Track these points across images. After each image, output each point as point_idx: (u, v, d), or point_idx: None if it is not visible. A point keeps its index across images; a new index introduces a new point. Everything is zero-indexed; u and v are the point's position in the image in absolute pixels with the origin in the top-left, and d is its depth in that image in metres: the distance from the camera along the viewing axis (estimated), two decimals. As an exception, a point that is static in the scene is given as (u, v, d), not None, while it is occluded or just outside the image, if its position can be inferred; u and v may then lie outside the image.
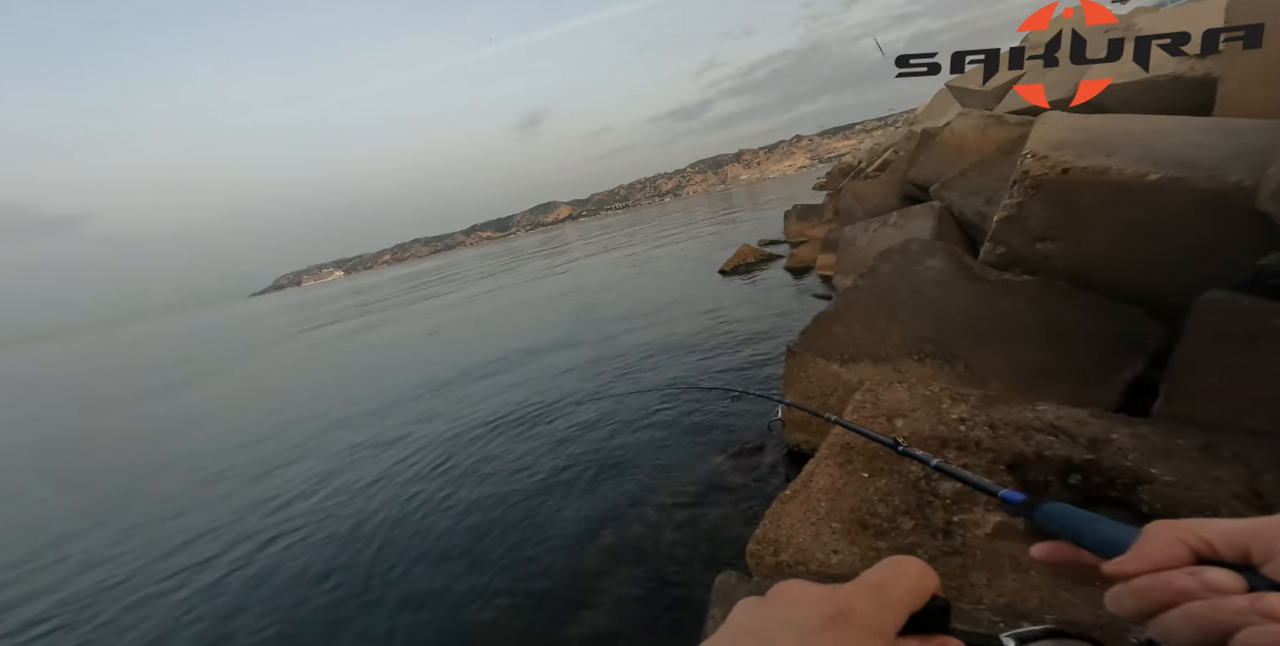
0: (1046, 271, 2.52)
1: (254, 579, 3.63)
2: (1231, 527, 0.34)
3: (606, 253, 24.52)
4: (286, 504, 4.72)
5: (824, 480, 2.08)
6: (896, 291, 3.02)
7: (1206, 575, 0.32)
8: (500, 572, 3.04)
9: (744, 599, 0.31)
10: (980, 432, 1.91)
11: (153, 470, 6.76)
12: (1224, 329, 1.53)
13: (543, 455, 4.40)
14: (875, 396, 2.29)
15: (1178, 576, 0.33)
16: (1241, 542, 0.33)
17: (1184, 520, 0.36)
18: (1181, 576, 0.33)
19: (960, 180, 4.57)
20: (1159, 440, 1.49)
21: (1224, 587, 0.32)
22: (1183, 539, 0.35)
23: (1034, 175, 2.51)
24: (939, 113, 10.80)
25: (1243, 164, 2.05)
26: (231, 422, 8.40)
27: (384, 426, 6.19)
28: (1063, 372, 2.25)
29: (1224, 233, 1.99)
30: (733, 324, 6.90)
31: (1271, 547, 0.32)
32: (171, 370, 18.36)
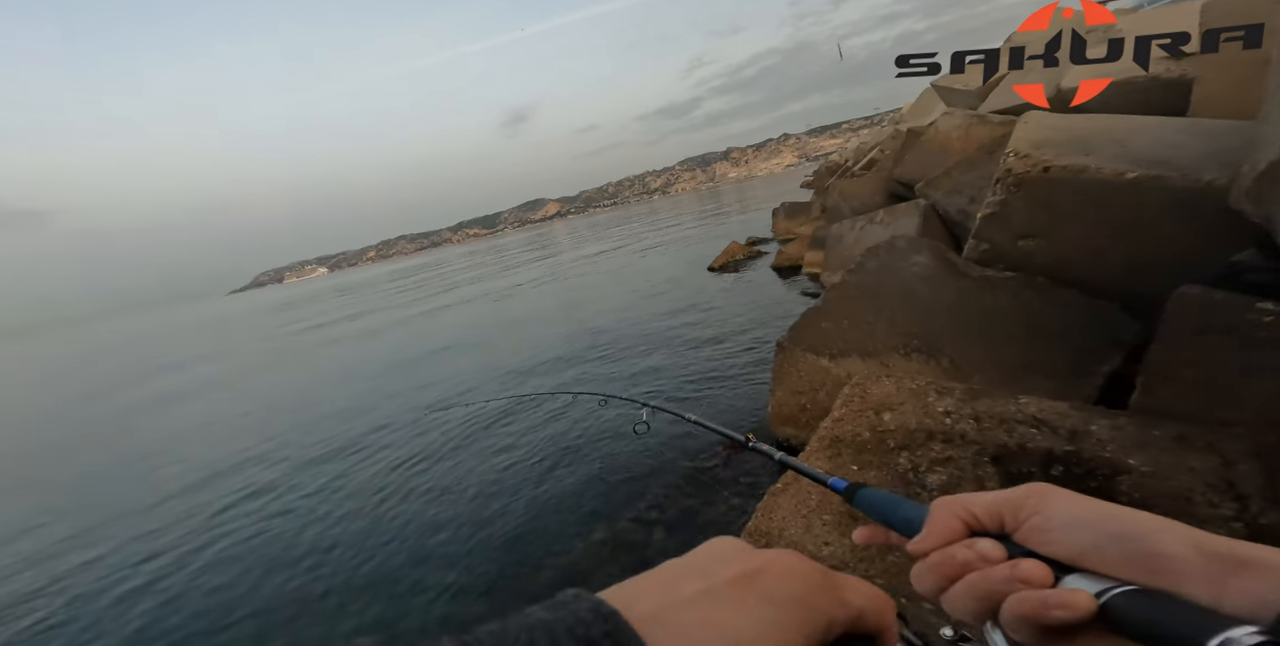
0: (1028, 268, 2.57)
1: (246, 571, 3.59)
2: (988, 500, 0.37)
3: (595, 250, 24.46)
4: (234, 504, 4.66)
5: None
6: (883, 288, 3.06)
7: (978, 546, 0.35)
8: (490, 569, 3.04)
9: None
10: (965, 425, 1.95)
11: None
12: (1198, 323, 1.58)
13: (531, 452, 4.39)
14: (863, 390, 2.33)
15: (959, 549, 0.35)
16: (997, 512, 0.36)
17: (959, 495, 0.39)
18: (961, 549, 0.35)
19: (945, 179, 4.64)
20: (1136, 431, 1.54)
21: (990, 556, 0.34)
22: (957, 514, 0.37)
23: (1016, 173, 2.57)
24: (924, 112, 10.93)
25: (1216, 163, 2.12)
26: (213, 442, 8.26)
27: (348, 431, 6.14)
28: (1044, 366, 2.31)
29: (1198, 230, 2.05)
30: (722, 320, 6.94)
31: (1017, 516, 0.35)
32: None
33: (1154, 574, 0.29)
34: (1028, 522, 0.35)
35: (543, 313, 11.08)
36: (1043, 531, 0.34)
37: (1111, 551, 0.31)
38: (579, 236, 44.16)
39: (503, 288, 18.05)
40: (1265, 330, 1.46)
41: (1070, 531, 0.33)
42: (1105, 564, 0.31)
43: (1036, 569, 0.32)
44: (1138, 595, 0.28)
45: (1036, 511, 0.35)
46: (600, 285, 13.21)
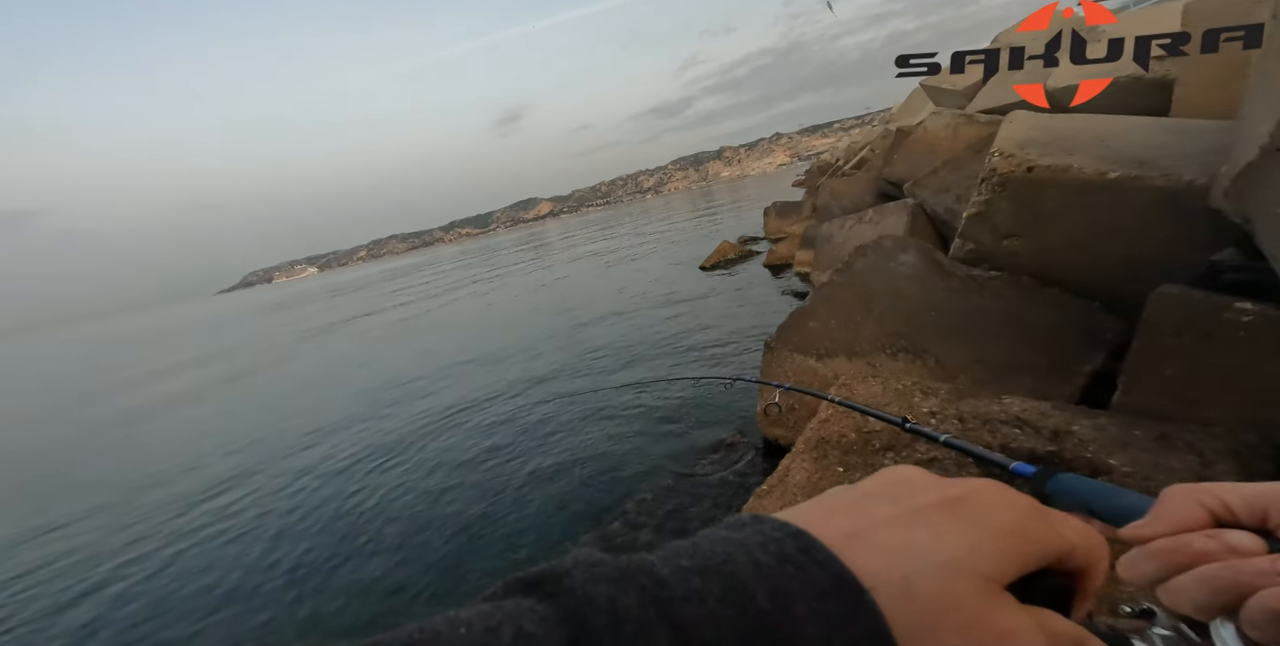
0: (1013, 267, 2.58)
1: (230, 569, 3.54)
2: (1251, 490, 0.34)
3: (587, 249, 24.42)
4: (211, 498, 4.61)
5: (800, 474, 2.11)
6: (871, 287, 3.07)
7: (1228, 537, 0.32)
8: (479, 572, 3.02)
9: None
10: (950, 426, 1.95)
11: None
12: (1178, 323, 1.59)
13: (520, 452, 4.37)
14: (850, 390, 2.33)
15: (1198, 538, 0.32)
16: (1261, 505, 0.33)
17: (1202, 483, 0.35)
18: (1201, 538, 0.32)
19: (932, 178, 4.65)
20: (1117, 431, 1.54)
21: (1246, 549, 0.31)
22: (1202, 502, 0.34)
23: (1001, 173, 2.57)
24: (913, 111, 10.97)
25: (1197, 163, 2.13)
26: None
27: (348, 423, 6.08)
28: (1028, 366, 2.32)
29: (1179, 229, 2.06)
30: (713, 319, 6.94)
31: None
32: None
33: None
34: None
35: (531, 314, 11.03)
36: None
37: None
38: (571, 236, 44.09)
39: (493, 288, 17.97)
40: (1243, 330, 1.46)
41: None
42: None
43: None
44: None
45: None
46: (591, 285, 13.18)
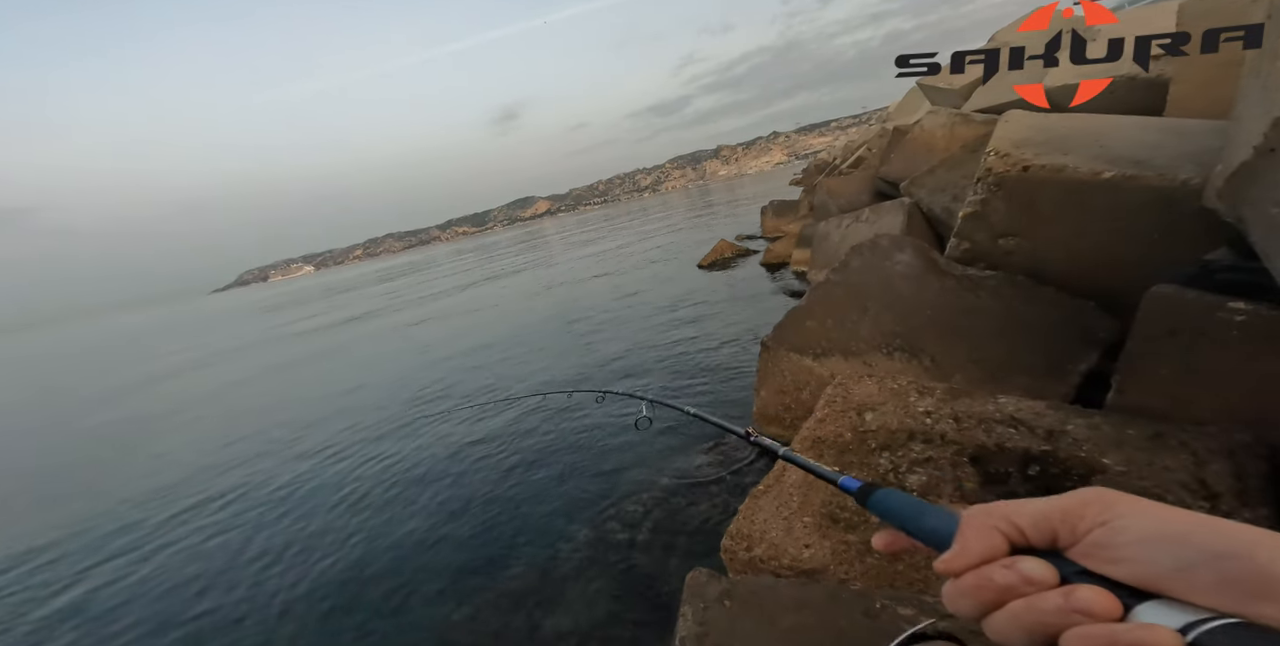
0: (1008, 267, 2.59)
1: (210, 569, 3.53)
2: (1036, 510, 0.32)
3: (585, 247, 24.39)
4: (188, 510, 4.60)
5: (796, 475, 2.11)
6: (867, 286, 3.07)
7: (1021, 567, 0.30)
8: (474, 571, 3.02)
9: None
10: (945, 425, 1.96)
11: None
12: (1171, 322, 1.59)
13: (516, 452, 4.36)
14: (846, 390, 2.33)
15: (997, 571, 0.31)
16: (1048, 526, 0.31)
17: (998, 503, 0.34)
18: (1000, 570, 0.31)
19: (929, 177, 4.66)
20: (1111, 431, 1.54)
21: (1038, 580, 0.30)
22: (997, 527, 0.33)
23: (996, 172, 2.58)
24: (910, 110, 10.99)
25: (1192, 162, 2.14)
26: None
27: (336, 424, 6.07)
28: (1023, 365, 2.33)
29: (1174, 229, 2.07)
30: (710, 318, 6.95)
31: (1075, 529, 0.30)
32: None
33: (1256, 601, 0.24)
34: (1089, 537, 0.30)
35: (530, 312, 11.02)
36: (1109, 547, 0.29)
37: (1204, 573, 0.25)
38: (569, 234, 44.03)
39: (492, 287, 17.94)
40: (1237, 329, 1.47)
41: (1147, 548, 0.27)
42: (1194, 590, 0.26)
43: (1098, 597, 0.27)
44: (1240, 630, 0.23)
45: (1101, 522, 0.30)
46: (589, 283, 13.17)
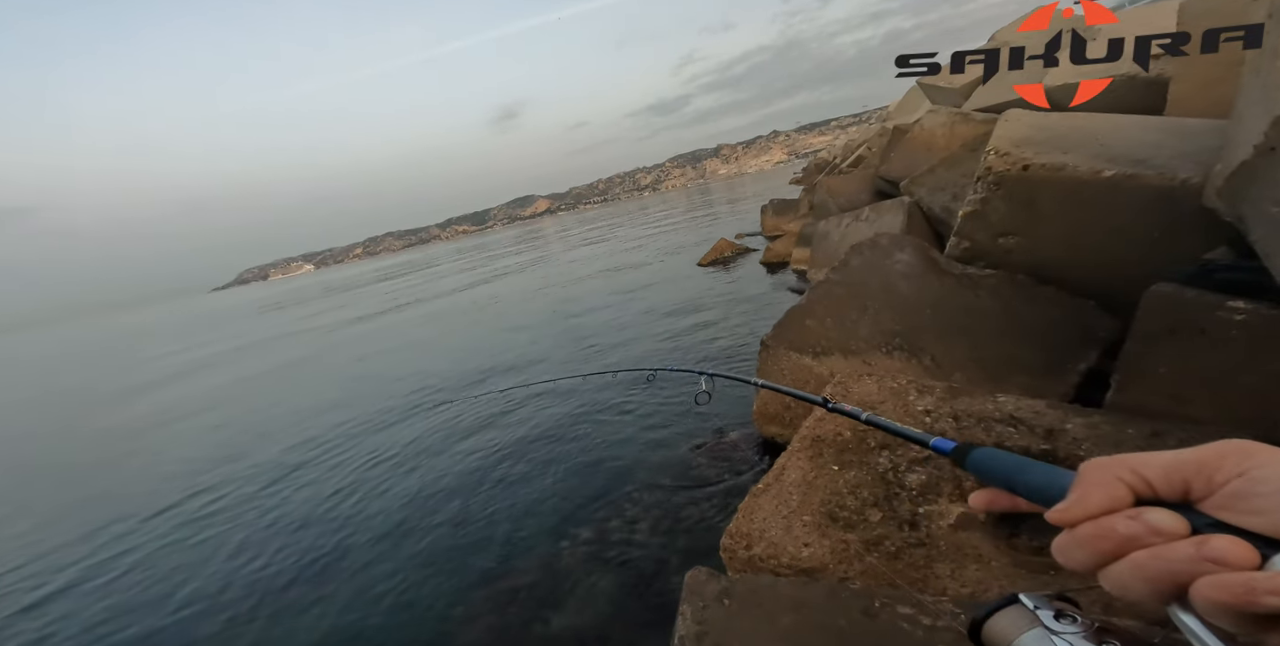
0: (1008, 266, 2.59)
1: (220, 573, 3.53)
2: (1168, 461, 0.32)
3: (585, 246, 24.39)
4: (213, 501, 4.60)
5: (795, 473, 2.11)
6: (866, 285, 3.07)
7: (1148, 517, 0.30)
8: (474, 569, 3.02)
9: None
10: (944, 424, 1.96)
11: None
12: (1170, 321, 1.59)
13: (512, 449, 4.37)
14: (845, 389, 2.33)
15: (1120, 521, 0.30)
16: (1180, 477, 0.31)
17: (1119, 456, 0.33)
18: (1124, 521, 0.30)
19: (929, 176, 4.66)
20: (1110, 430, 1.54)
21: (1168, 531, 0.29)
22: (1121, 477, 0.32)
23: (996, 171, 2.57)
24: (910, 110, 10.99)
25: (1192, 162, 2.13)
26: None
27: (327, 421, 6.07)
28: (1022, 364, 2.33)
29: (1173, 228, 2.07)
30: (709, 316, 6.95)
31: (1210, 480, 0.30)
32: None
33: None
34: (1225, 488, 0.29)
35: (531, 310, 11.01)
36: (1248, 498, 0.28)
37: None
38: (569, 233, 44.00)
39: (492, 284, 17.93)
40: (1236, 328, 1.47)
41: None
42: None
43: (1234, 546, 0.26)
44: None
45: (1239, 473, 0.29)
46: (590, 281, 13.17)
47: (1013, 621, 0.40)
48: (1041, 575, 1.44)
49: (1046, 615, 0.39)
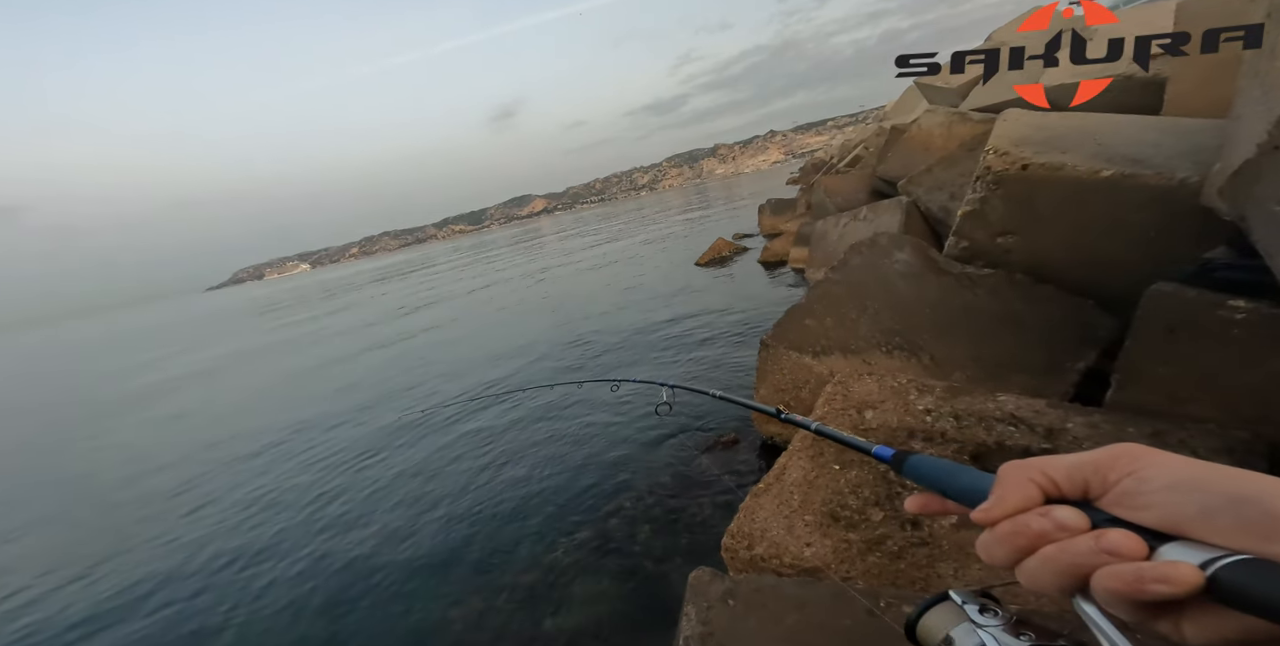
0: (1007, 265, 2.59)
1: (230, 581, 3.51)
2: (1070, 463, 0.34)
3: (583, 246, 24.36)
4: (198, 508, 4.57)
5: (796, 473, 2.11)
6: (866, 285, 3.07)
7: (1055, 515, 0.32)
8: (475, 570, 3.01)
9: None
10: (945, 423, 1.96)
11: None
12: (1171, 320, 1.60)
13: (511, 450, 4.36)
14: (846, 389, 2.33)
15: (1033, 518, 0.33)
16: (1081, 477, 0.34)
17: (1032, 459, 0.36)
18: (1036, 518, 0.33)
19: (926, 176, 4.67)
20: (1110, 429, 1.55)
21: (1071, 526, 0.31)
22: (1032, 478, 0.35)
23: (995, 171, 2.58)
24: (907, 109, 11.00)
25: (1190, 161, 2.14)
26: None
27: (322, 421, 6.05)
28: (1022, 363, 2.33)
29: (1172, 227, 2.07)
30: (708, 315, 6.95)
31: (1105, 480, 0.33)
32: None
33: (1269, 540, 0.26)
34: (1118, 486, 0.32)
35: (530, 309, 11.00)
36: (1137, 495, 0.31)
37: (1222, 516, 0.28)
38: (566, 233, 43.94)
39: (490, 285, 17.89)
40: (1237, 327, 1.48)
41: (1171, 495, 0.30)
42: (1213, 531, 0.28)
43: (1125, 539, 0.29)
44: (1253, 564, 0.26)
45: (1129, 472, 0.32)
46: (588, 281, 13.16)
47: (944, 617, 0.43)
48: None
49: (972, 610, 0.42)
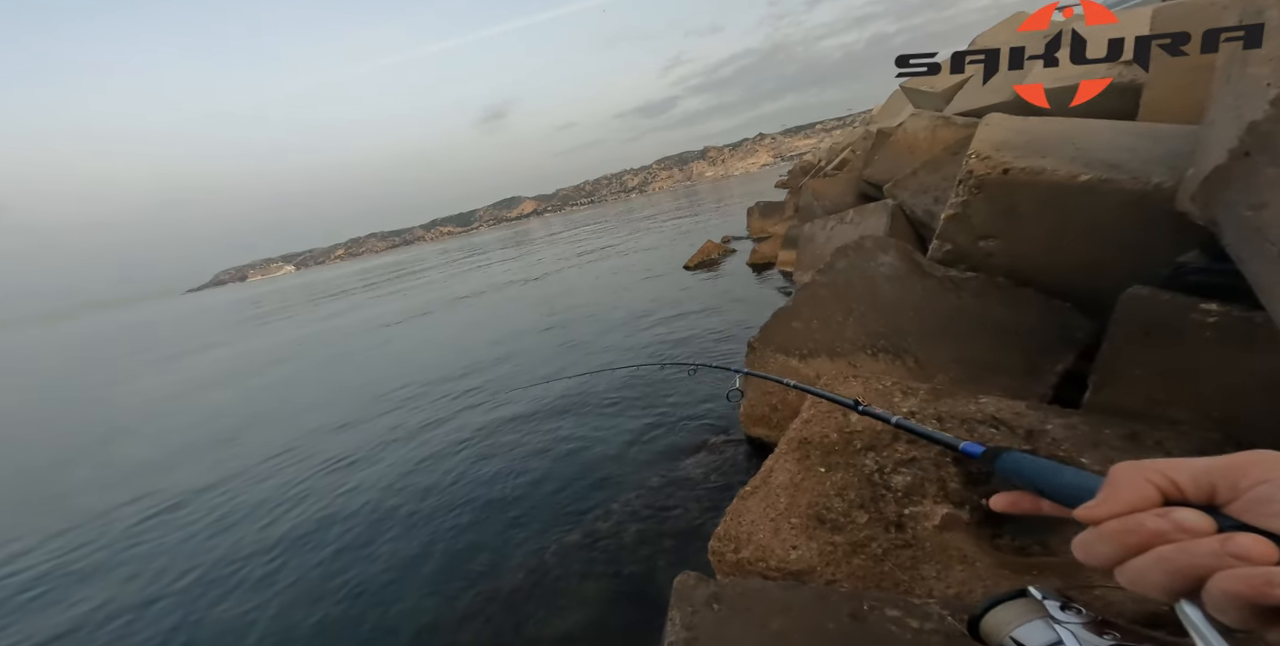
0: (989, 268, 2.62)
1: (209, 579, 3.44)
2: (1197, 467, 0.34)
3: (572, 248, 24.32)
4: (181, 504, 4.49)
5: (783, 475, 2.11)
6: (852, 287, 3.09)
7: (1176, 516, 0.31)
8: (460, 573, 2.99)
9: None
10: (928, 426, 1.98)
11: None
12: (1145, 324, 1.62)
13: (498, 451, 4.33)
14: (831, 391, 2.35)
15: (1149, 518, 0.32)
16: (1208, 482, 0.33)
17: (1149, 461, 0.36)
18: (1153, 518, 0.32)
19: (911, 179, 4.72)
20: (1088, 430, 1.57)
21: (1196, 528, 0.31)
22: (1150, 480, 0.34)
23: (977, 175, 2.61)
24: (894, 113, 11.12)
25: (1165, 166, 2.18)
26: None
27: (325, 427, 5.97)
28: (1004, 365, 2.36)
29: (1148, 231, 2.11)
30: (694, 318, 6.96)
31: (1236, 486, 0.32)
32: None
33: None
34: (1251, 492, 0.31)
35: (514, 313, 10.95)
36: (1270, 502, 0.30)
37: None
38: (556, 235, 43.85)
39: (478, 286, 17.80)
40: (1209, 330, 1.50)
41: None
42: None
43: (1257, 543, 0.28)
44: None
45: (1264, 480, 0.31)
46: (576, 283, 13.14)
47: (1015, 613, 0.42)
48: (1024, 575, 1.45)
49: (1053, 606, 0.41)
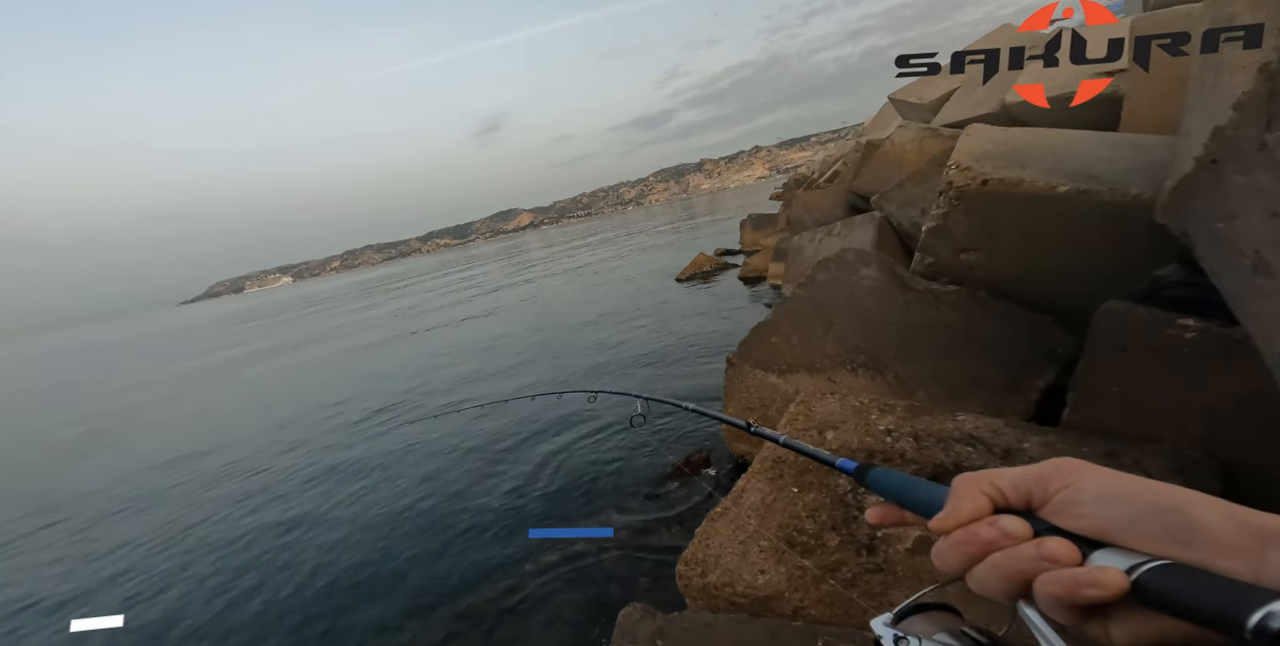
0: (970, 281, 2.57)
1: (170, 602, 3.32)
2: (1016, 475, 0.36)
3: (568, 260, 24.36)
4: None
5: (754, 496, 2.04)
6: (832, 301, 3.03)
7: (1003, 524, 0.34)
8: (433, 592, 2.89)
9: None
10: (905, 444, 1.91)
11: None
12: (1122, 339, 1.56)
13: (478, 466, 4.24)
14: (808, 408, 2.27)
15: (982, 527, 0.35)
16: (1025, 489, 0.36)
17: (983, 471, 0.38)
18: (986, 527, 0.34)
19: (898, 191, 4.70)
20: (1065, 448, 1.51)
21: (1015, 534, 0.33)
22: (983, 489, 0.37)
23: (958, 186, 2.57)
24: (884, 125, 11.19)
25: (1143, 177, 2.14)
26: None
27: (301, 440, 5.86)
28: (983, 381, 2.29)
29: (1126, 243, 2.06)
30: (683, 331, 6.91)
31: (1046, 491, 0.35)
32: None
33: (1188, 547, 0.28)
34: (1056, 497, 0.34)
35: (510, 323, 10.89)
36: (1072, 505, 0.33)
37: (1147, 525, 0.30)
38: (552, 247, 43.97)
39: (473, 299, 17.76)
40: (1187, 346, 1.44)
41: (1102, 505, 0.32)
42: (1138, 538, 0.30)
43: (1061, 546, 0.31)
44: (1172, 570, 0.28)
45: (1066, 485, 0.34)
46: (570, 296, 13.10)
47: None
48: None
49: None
